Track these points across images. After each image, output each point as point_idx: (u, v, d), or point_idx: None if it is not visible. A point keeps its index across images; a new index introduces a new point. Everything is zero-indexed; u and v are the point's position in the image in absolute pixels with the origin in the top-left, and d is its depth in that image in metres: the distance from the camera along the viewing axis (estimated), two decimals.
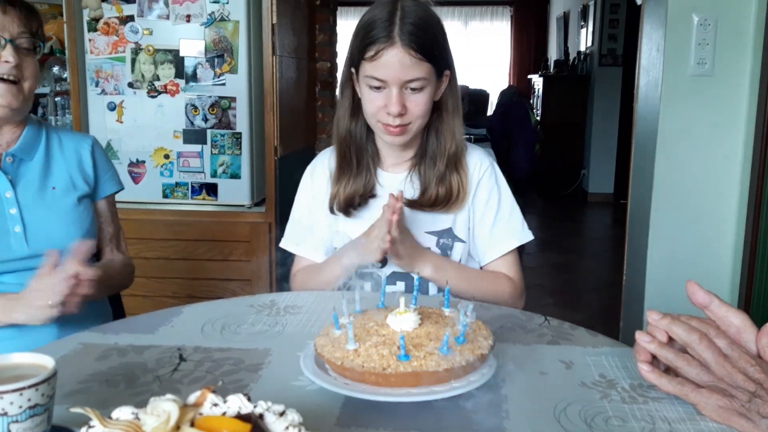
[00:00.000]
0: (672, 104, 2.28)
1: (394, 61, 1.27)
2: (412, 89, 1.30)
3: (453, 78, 1.39)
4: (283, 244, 1.54)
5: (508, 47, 11.65)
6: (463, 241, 1.44)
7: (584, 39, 7.61)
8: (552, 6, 10.62)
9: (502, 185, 1.48)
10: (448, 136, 1.40)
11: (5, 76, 1.33)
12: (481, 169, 1.46)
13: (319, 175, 1.50)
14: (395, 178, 1.45)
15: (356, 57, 1.32)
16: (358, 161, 1.43)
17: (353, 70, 1.37)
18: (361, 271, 1.42)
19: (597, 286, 4.43)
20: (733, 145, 2.28)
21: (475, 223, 1.45)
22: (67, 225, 1.43)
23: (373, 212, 1.41)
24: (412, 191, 1.42)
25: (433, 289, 1.43)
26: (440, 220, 1.43)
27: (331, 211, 1.44)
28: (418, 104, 1.32)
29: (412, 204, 1.41)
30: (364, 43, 1.29)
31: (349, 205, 1.42)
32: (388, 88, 1.30)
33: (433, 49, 1.30)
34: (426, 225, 1.43)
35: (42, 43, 1.40)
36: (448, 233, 1.43)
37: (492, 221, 1.44)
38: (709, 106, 2.27)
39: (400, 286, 1.43)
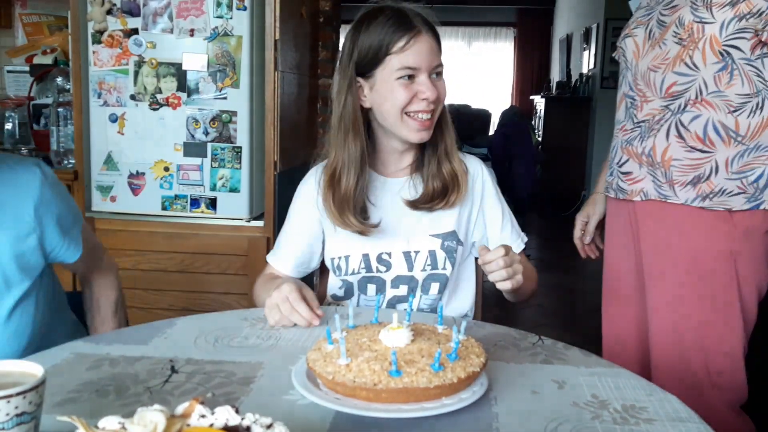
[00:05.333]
0: None
1: (425, 48, 1.35)
2: (437, 74, 1.38)
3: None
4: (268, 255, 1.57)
5: (511, 68, 11.73)
6: (462, 245, 1.47)
7: (586, 61, 7.66)
8: (555, 28, 10.70)
9: (499, 190, 1.54)
10: (437, 132, 1.43)
11: None
12: (483, 175, 1.51)
13: (307, 192, 1.51)
14: (396, 183, 1.47)
15: (380, 56, 1.35)
16: (361, 171, 1.42)
17: (361, 80, 1.38)
18: (364, 275, 1.45)
19: (596, 306, 4.40)
20: None
21: (486, 228, 1.50)
22: (5, 342, 1.14)
23: (381, 220, 1.43)
24: (415, 194, 1.45)
25: (434, 289, 1.45)
26: (444, 223, 1.45)
27: (343, 224, 1.42)
28: (443, 88, 1.40)
29: (413, 204, 1.43)
30: (388, 39, 1.33)
31: (359, 212, 1.42)
32: (418, 78, 1.35)
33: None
34: (431, 228, 1.45)
35: None
36: (452, 236, 1.46)
37: (501, 223, 1.50)
38: None
39: (403, 290, 1.46)
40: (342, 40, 1.45)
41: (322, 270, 1.60)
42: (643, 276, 1.60)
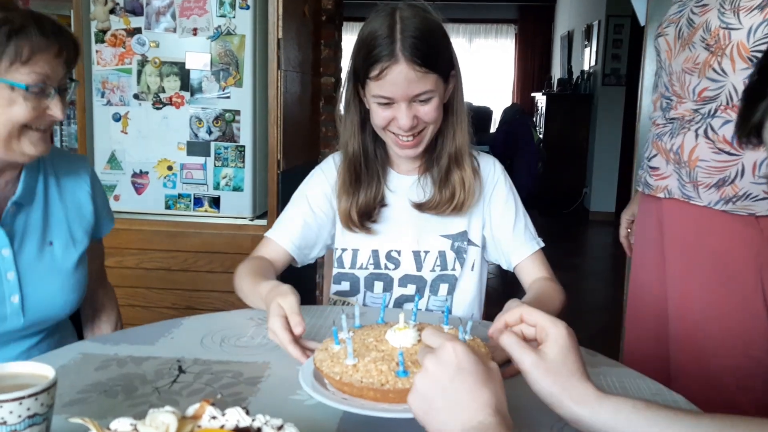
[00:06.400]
0: None
1: (400, 79, 1.25)
2: (421, 101, 1.29)
3: (458, 77, 1.38)
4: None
5: (512, 65, 11.71)
6: (476, 245, 1.45)
7: (588, 58, 7.65)
8: (556, 25, 10.68)
9: (514, 190, 1.50)
10: (448, 135, 1.40)
11: (44, 128, 1.17)
12: (495, 174, 1.48)
13: (327, 175, 1.48)
14: (407, 181, 1.45)
15: (361, 75, 1.31)
16: (368, 172, 1.43)
17: (359, 84, 1.36)
18: (372, 271, 1.44)
19: (598, 305, 4.42)
20: None
21: (492, 227, 1.46)
22: (67, 292, 1.28)
23: (387, 222, 1.44)
24: (423, 194, 1.43)
25: (443, 290, 1.44)
26: (454, 224, 1.44)
27: (348, 228, 1.43)
28: (428, 112, 1.31)
29: (420, 207, 1.42)
30: (367, 62, 1.27)
31: (364, 216, 1.41)
32: (397, 104, 1.29)
33: (437, 58, 1.29)
34: (440, 228, 1.44)
35: (73, 80, 1.22)
36: (462, 236, 1.44)
37: (513, 223, 1.46)
38: None
39: (411, 289, 1.44)
40: (345, 38, 1.44)
41: (325, 268, 1.60)
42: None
